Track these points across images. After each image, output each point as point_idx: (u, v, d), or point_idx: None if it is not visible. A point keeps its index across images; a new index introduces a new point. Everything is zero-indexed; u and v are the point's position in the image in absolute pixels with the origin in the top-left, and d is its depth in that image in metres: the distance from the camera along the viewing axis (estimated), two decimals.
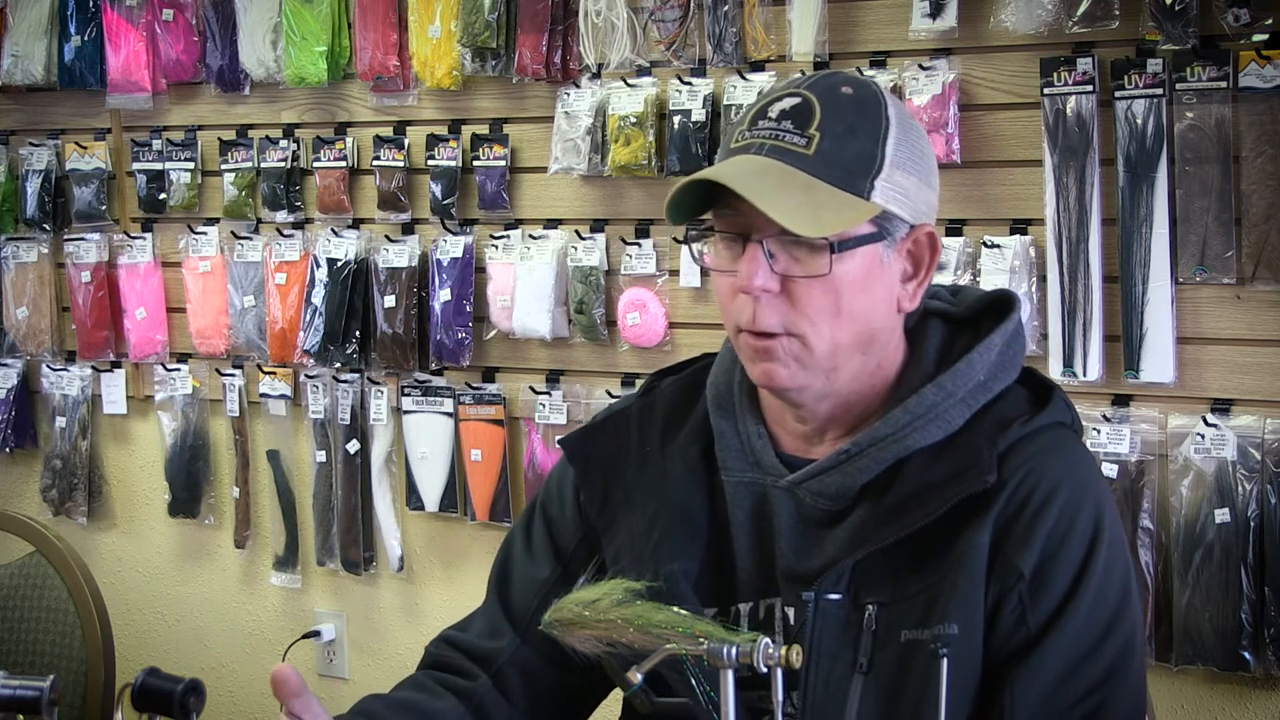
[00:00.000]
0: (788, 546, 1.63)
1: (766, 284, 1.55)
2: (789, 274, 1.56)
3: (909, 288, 1.62)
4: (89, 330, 3.81)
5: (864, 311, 1.58)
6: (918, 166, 1.60)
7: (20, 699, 1.38)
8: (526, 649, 1.75)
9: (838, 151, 1.55)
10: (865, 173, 1.55)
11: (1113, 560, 1.58)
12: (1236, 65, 2.54)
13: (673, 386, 1.79)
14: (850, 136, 1.56)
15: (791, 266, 1.56)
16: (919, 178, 1.60)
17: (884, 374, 1.65)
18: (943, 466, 1.58)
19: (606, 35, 3.07)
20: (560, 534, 1.79)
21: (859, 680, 1.56)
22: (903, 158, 1.58)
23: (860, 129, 1.56)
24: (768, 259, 1.55)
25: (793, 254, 1.55)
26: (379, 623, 3.62)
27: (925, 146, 1.63)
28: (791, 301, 1.56)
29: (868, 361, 1.62)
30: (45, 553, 2.56)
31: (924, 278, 1.63)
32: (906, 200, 1.58)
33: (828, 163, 1.54)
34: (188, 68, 3.63)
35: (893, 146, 1.57)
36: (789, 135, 1.55)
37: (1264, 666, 2.58)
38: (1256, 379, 2.61)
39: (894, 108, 1.60)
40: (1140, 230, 2.63)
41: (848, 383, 1.62)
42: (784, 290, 1.56)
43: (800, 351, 1.57)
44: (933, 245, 1.62)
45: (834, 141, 1.55)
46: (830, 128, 1.55)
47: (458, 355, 3.31)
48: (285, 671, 1.52)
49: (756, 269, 1.55)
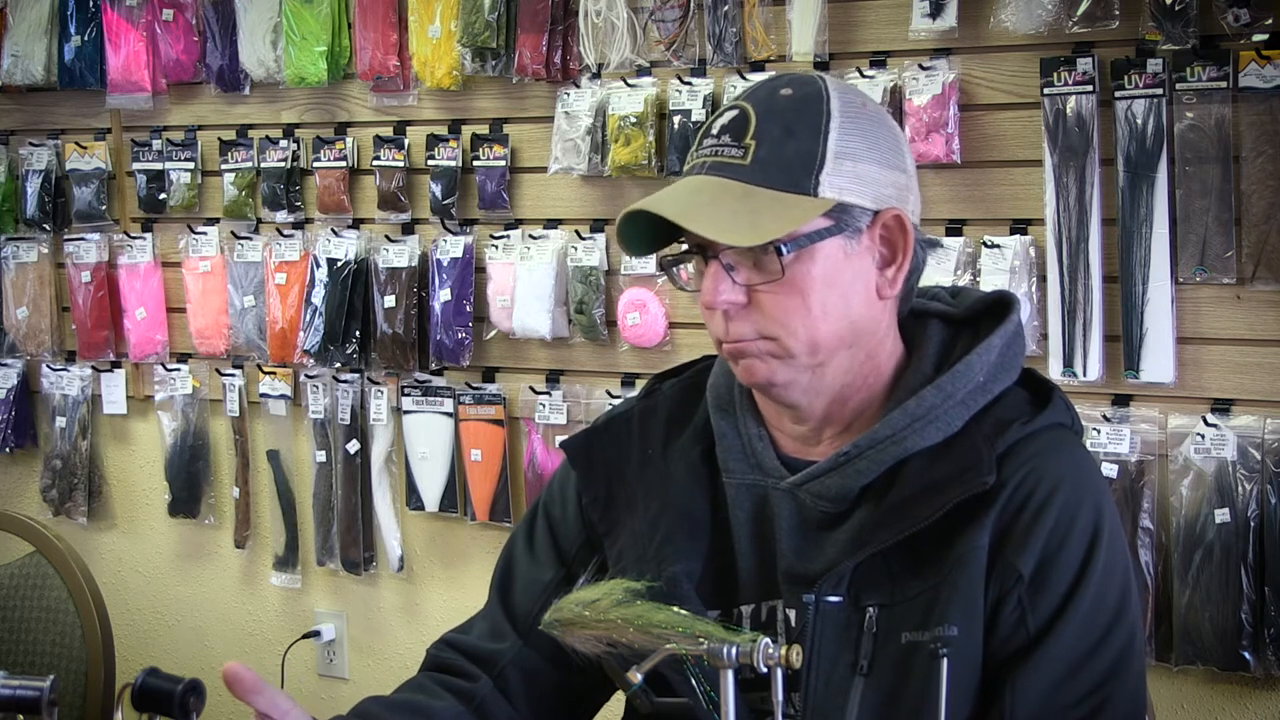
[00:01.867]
0: (788, 548, 1.63)
1: (731, 298, 1.57)
2: (751, 284, 1.57)
3: (888, 274, 1.61)
4: (89, 330, 3.81)
5: (837, 306, 1.58)
6: (873, 153, 1.59)
7: (20, 699, 1.38)
8: (529, 651, 1.75)
9: (775, 155, 1.56)
10: (807, 170, 1.56)
11: (1112, 561, 1.58)
12: (1236, 65, 2.54)
13: (674, 388, 1.79)
14: (788, 137, 1.56)
15: (752, 276, 1.57)
16: (877, 163, 1.59)
17: (878, 369, 1.65)
18: (942, 468, 1.58)
19: (606, 35, 3.07)
20: (563, 536, 1.79)
21: (859, 682, 1.56)
22: (852, 147, 1.57)
23: (798, 128, 1.57)
24: (728, 273, 1.57)
25: (751, 264, 1.57)
26: (379, 623, 3.62)
27: (882, 130, 1.61)
28: (760, 310, 1.57)
29: (856, 355, 1.61)
30: (45, 553, 2.56)
31: (903, 261, 1.61)
32: (863, 188, 1.57)
33: (765, 168, 1.55)
34: (188, 68, 3.63)
35: (836, 138, 1.57)
36: (727, 149, 1.57)
37: (1264, 666, 2.58)
38: (1256, 379, 2.61)
39: (839, 98, 1.59)
40: (1140, 230, 2.63)
41: (839, 377, 1.62)
42: (751, 301, 1.57)
43: (776, 349, 1.58)
44: (902, 227, 1.60)
45: (770, 146, 1.56)
46: (766, 133, 1.56)
47: (458, 355, 3.31)
48: (235, 669, 1.47)
49: (718, 284, 1.57)
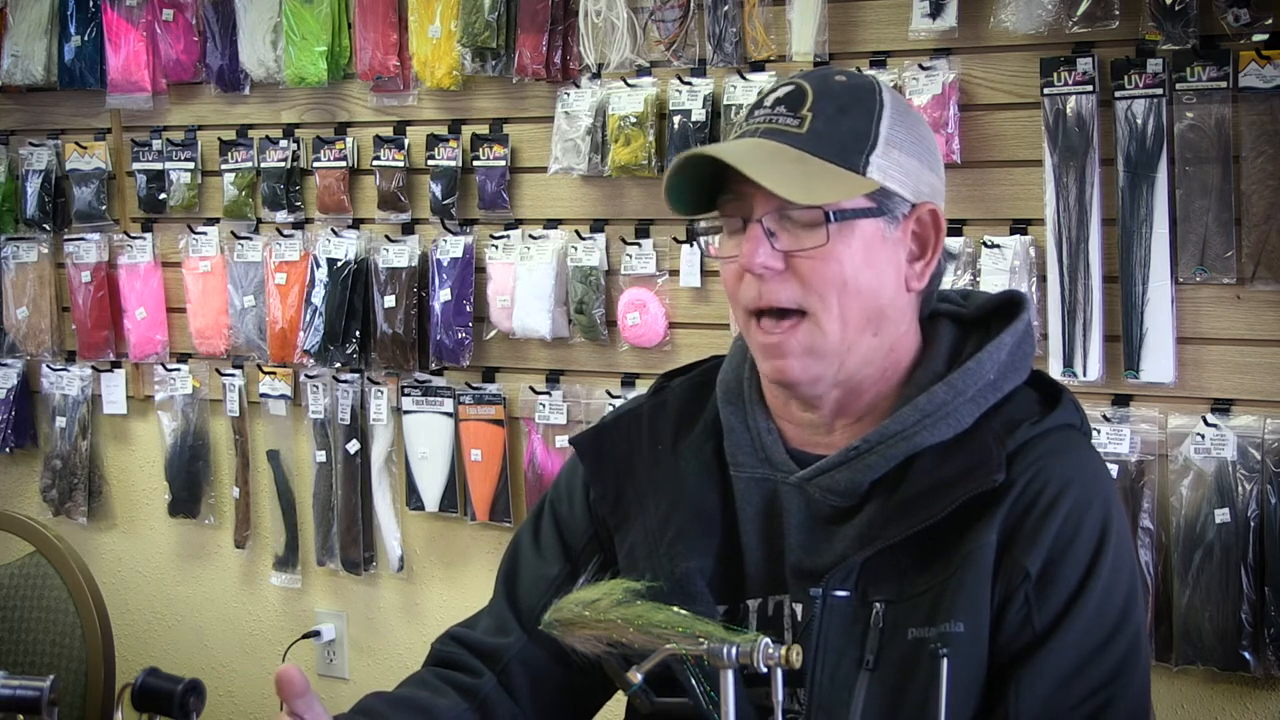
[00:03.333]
0: (797, 543, 1.64)
1: (768, 261, 1.58)
2: (791, 250, 1.58)
3: (916, 268, 1.64)
4: (89, 330, 3.81)
5: (870, 287, 1.59)
6: (916, 148, 1.62)
7: (20, 699, 1.38)
8: (533, 647, 1.75)
9: (830, 129, 1.58)
10: (859, 149, 1.58)
11: (1119, 562, 1.58)
12: (1236, 65, 2.54)
13: (683, 386, 1.80)
14: (842, 115, 1.59)
15: (792, 243, 1.58)
16: (919, 160, 1.62)
17: (897, 362, 1.65)
18: (952, 465, 1.59)
19: (606, 35, 3.07)
20: (570, 532, 1.79)
21: (865, 677, 1.57)
22: (900, 138, 1.60)
23: (853, 109, 1.60)
24: (768, 237, 1.57)
25: (792, 231, 1.58)
26: (379, 623, 3.62)
27: (925, 132, 1.65)
28: (798, 278, 1.58)
29: (880, 344, 1.63)
30: (45, 553, 2.56)
31: (931, 257, 1.64)
32: (905, 179, 1.60)
33: (819, 139, 1.58)
34: (188, 68, 3.63)
35: (888, 126, 1.60)
36: (782, 118, 1.60)
37: (1264, 666, 2.58)
38: (1256, 379, 2.61)
39: (889, 94, 1.63)
40: (1140, 230, 2.63)
41: (860, 366, 1.62)
42: (789, 268, 1.58)
43: (810, 338, 1.59)
44: (936, 223, 1.63)
45: (826, 120, 1.58)
46: (822, 108, 1.59)
47: (458, 355, 3.31)
48: (291, 672, 1.52)
49: (757, 247, 1.58)
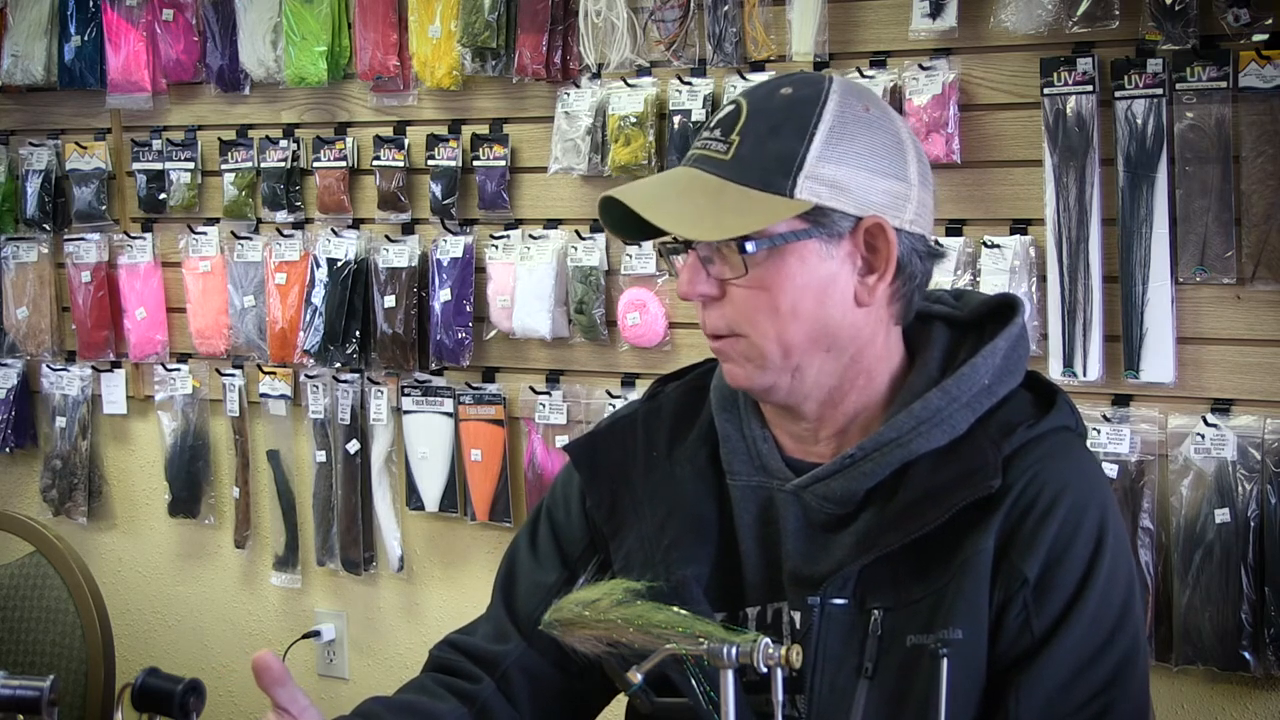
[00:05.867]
0: (794, 551, 1.63)
1: (703, 290, 1.60)
2: (724, 278, 1.59)
3: (868, 282, 1.60)
4: (89, 330, 3.81)
5: (809, 308, 1.58)
6: (864, 159, 1.57)
7: (20, 699, 1.38)
8: (532, 653, 1.74)
9: (755, 153, 1.57)
10: (784, 171, 1.55)
11: (1117, 565, 1.58)
12: (1236, 65, 2.54)
13: (677, 391, 1.79)
14: (773, 136, 1.57)
15: (723, 271, 1.59)
16: (868, 170, 1.57)
17: (869, 374, 1.64)
18: (948, 471, 1.58)
19: (606, 35, 3.07)
20: (566, 539, 1.79)
21: (864, 685, 1.56)
22: (840, 152, 1.56)
23: (785, 127, 1.57)
24: (704, 265, 1.59)
25: (725, 258, 1.58)
26: (379, 623, 3.62)
27: (881, 137, 1.59)
28: (732, 305, 1.59)
29: (836, 359, 1.61)
30: (45, 553, 2.56)
31: (885, 270, 1.60)
32: (845, 194, 1.56)
33: (743, 165, 1.57)
34: (188, 68, 3.63)
35: (823, 142, 1.56)
36: (714, 143, 1.60)
37: (1264, 666, 2.58)
38: (1256, 379, 2.60)
39: (838, 103, 1.58)
40: (1140, 230, 2.63)
41: (821, 379, 1.61)
42: (725, 295, 1.59)
43: (748, 351, 1.60)
44: (884, 235, 1.58)
45: (753, 144, 1.57)
46: (752, 130, 1.58)
47: (458, 355, 3.31)
48: (267, 658, 1.50)
49: (690, 276, 1.60)
